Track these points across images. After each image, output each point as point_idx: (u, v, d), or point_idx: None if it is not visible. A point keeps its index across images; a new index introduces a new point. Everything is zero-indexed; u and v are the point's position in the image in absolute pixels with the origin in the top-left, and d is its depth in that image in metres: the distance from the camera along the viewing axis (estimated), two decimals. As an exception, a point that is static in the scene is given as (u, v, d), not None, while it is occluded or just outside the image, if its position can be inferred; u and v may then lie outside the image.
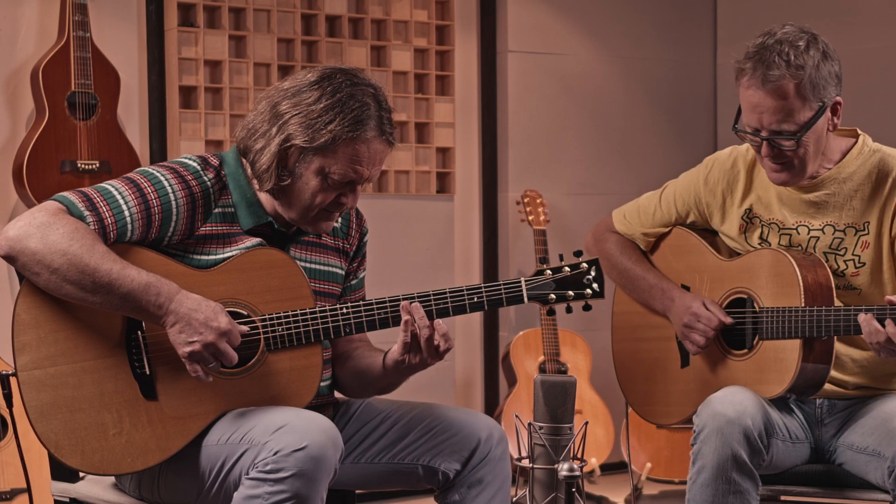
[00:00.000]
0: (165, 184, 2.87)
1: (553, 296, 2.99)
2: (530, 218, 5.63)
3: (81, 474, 3.04)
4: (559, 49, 6.05)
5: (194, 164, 2.94)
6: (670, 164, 5.96)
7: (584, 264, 3.01)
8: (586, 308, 3.04)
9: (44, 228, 2.71)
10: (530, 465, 2.74)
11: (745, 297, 3.36)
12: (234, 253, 2.91)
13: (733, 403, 3.12)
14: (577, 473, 2.60)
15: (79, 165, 4.74)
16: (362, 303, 2.94)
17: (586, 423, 2.79)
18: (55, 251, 2.70)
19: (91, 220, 2.78)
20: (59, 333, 2.79)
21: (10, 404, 2.90)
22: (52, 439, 2.76)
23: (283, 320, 2.89)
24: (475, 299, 2.95)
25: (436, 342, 2.90)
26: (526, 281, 2.98)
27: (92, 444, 2.78)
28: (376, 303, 2.94)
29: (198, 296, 2.79)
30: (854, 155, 3.32)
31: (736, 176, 3.44)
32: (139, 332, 2.83)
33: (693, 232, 3.53)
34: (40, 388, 2.76)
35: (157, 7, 5.11)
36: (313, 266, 3.05)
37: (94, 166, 4.77)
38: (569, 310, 3.04)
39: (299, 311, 2.90)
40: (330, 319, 2.92)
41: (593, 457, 5.57)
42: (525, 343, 5.59)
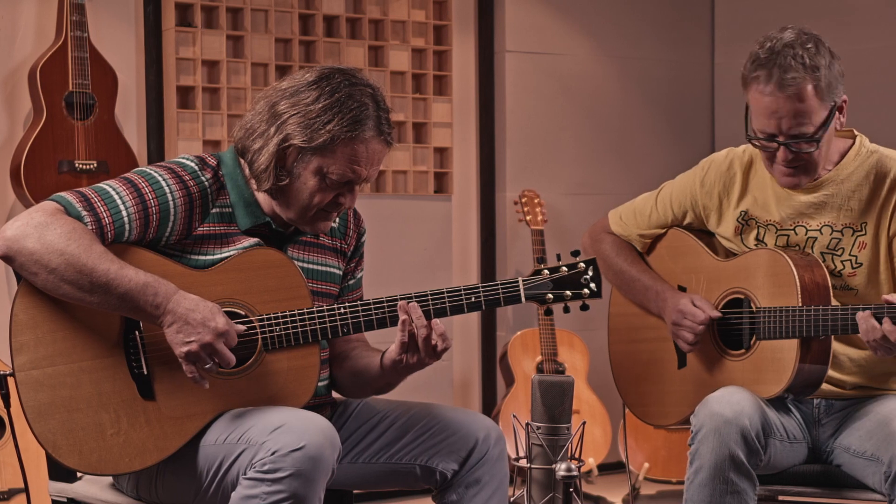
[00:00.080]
0: (163, 184, 2.87)
1: (550, 296, 2.99)
2: (528, 218, 5.63)
3: (79, 474, 3.04)
4: (557, 49, 6.05)
5: (192, 165, 2.93)
6: (668, 165, 5.96)
7: (582, 264, 3.01)
8: (584, 308, 3.04)
9: (41, 228, 2.71)
10: (528, 465, 2.73)
11: (742, 297, 3.36)
12: (231, 253, 2.91)
13: (731, 403, 3.12)
14: (575, 473, 2.59)
15: (76, 165, 4.74)
16: (360, 303, 2.94)
17: (584, 423, 2.79)
18: (53, 251, 2.70)
19: (89, 220, 2.78)
20: (57, 333, 2.79)
21: (7, 404, 2.90)
22: (49, 439, 2.76)
23: (280, 320, 2.89)
24: (473, 299, 2.95)
25: (433, 342, 2.90)
26: (523, 281, 2.98)
27: (90, 444, 2.78)
28: (374, 303, 2.94)
29: (195, 296, 2.79)
30: (852, 156, 3.33)
31: (732, 178, 3.44)
32: (137, 332, 2.83)
33: (689, 233, 3.53)
34: (38, 388, 2.76)
35: (154, 7, 5.11)
36: (311, 266, 3.05)
37: (91, 166, 4.77)
38: (566, 310, 3.04)
39: (297, 311, 2.90)
40: (328, 319, 2.92)
41: (591, 457, 5.56)
42: (523, 343, 5.58)
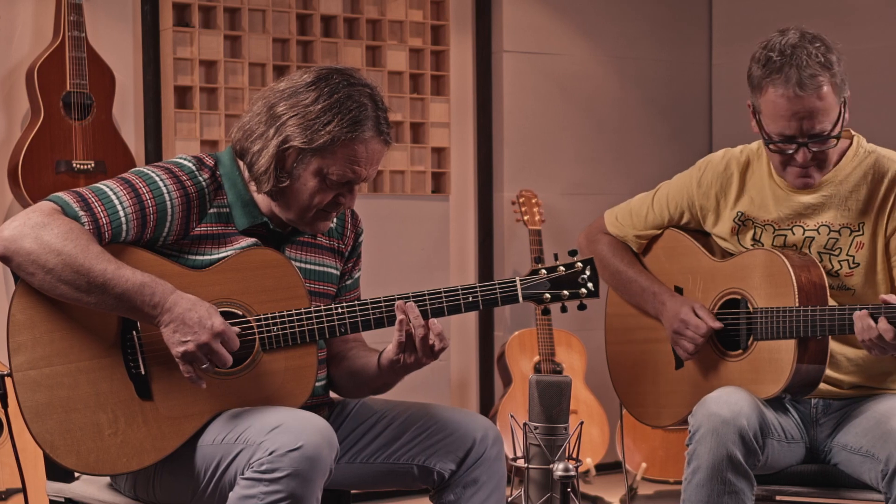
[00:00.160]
0: (160, 184, 2.87)
1: (548, 295, 2.99)
2: (525, 218, 5.63)
3: (77, 474, 3.05)
4: (554, 49, 6.05)
5: (189, 165, 2.93)
6: (665, 164, 5.96)
7: (579, 264, 3.01)
8: (581, 307, 3.04)
9: (38, 229, 2.71)
10: (525, 465, 2.73)
11: (739, 297, 3.36)
12: (229, 253, 2.91)
13: (728, 404, 3.11)
14: (573, 473, 2.59)
15: (74, 165, 4.74)
16: (357, 303, 2.94)
17: (581, 423, 2.78)
18: (50, 251, 2.70)
19: (86, 220, 2.78)
20: (55, 334, 2.79)
21: (5, 405, 2.90)
22: (47, 439, 2.76)
23: (278, 320, 2.89)
24: (470, 299, 2.95)
25: (430, 341, 2.89)
26: (521, 280, 2.98)
27: (87, 444, 2.78)
28: (371, 303, 2.93)
29: (192, 296, 2.79)
30: (850, 156, 3.33)
31: (729, 178, 3.44)
32: (134, 332, 2.83)
33: (685, 233, 3.53)
34: (35, 388, 2.76)
35: (152, 7, 5.11)
36: (308, 266, 3.05)
37: (89, 166, 4.76)
38: (564, 309, 3.04)
39: (294, 312, 2.90)
40: (325, 319, 2.92)
41: (588, 457, 5.56)
42: (520, 343, 5.58)
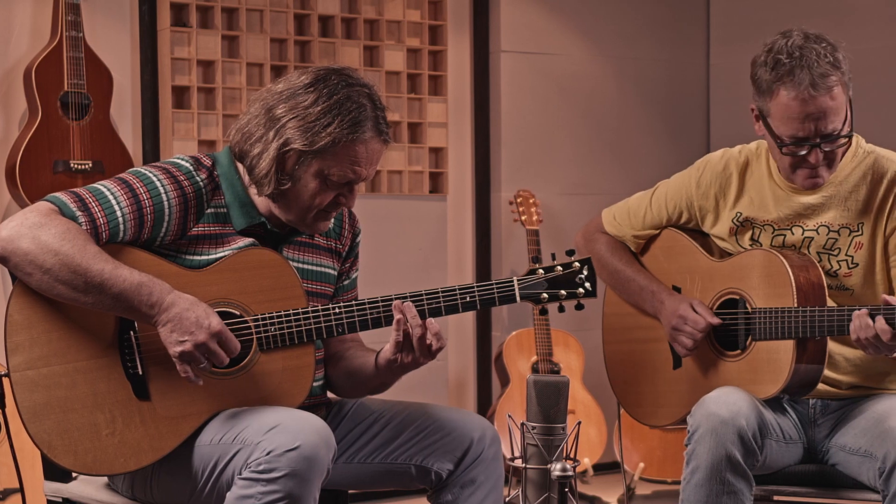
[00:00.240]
0: (158, 184, 2.87)
1: (545, 295, 2.99)
2: (523, 218, 5.63)
3: (74, 474, 3.04)
4: (552, 49, 6.05)
5: (187, 165, 2.93)
6: (663, 164, 5.96)
7: (577, 263, 3.01)
8: (579, 307, 3.04)
9: (36, 229, 2.71)
10: (523, 465, 2.73)
11: (738, 297, 3.36)
12: (226, 253, 2.91)
13: (727, 404, 3.11)
14: (570, 473, 2.59)
15: (72, 165, 4.73)
16: (355, 303, 2.94)
17: (579, 423, 2.78)
18: (47, 251, 2.70)
19: (83, 220, 2.77)
20: (52, 334, 2.79)
21: (3, 405, 2.90)
22: (44, 439, 2.76)
23: (275, 320, 2.89)
24: (467, 299, 2.95)
25: (428, 341, 2.89)
26: (518, 280, 2.98)
27: (85, 444, 2.77)
28: (369, 303, 2.93)
29: (190, 296, 2.79)
30: (849, 157, 3.32)
31: (728, 178, 3.44)
32: (132, 332, 2.83)
33: (683, 233, 3.53)
34: (33, 388, 2.76)
35: (149, 7, 5.11)
36: (305, 266, 3.05)
37: (86, 166, 4.76)
38: (561, 309, 3.04)
39: (292, 311, 2.90)
40: (322, 319, 2.91)
41: (586, 457, 5.57)
42: (518, 343, 5.58)
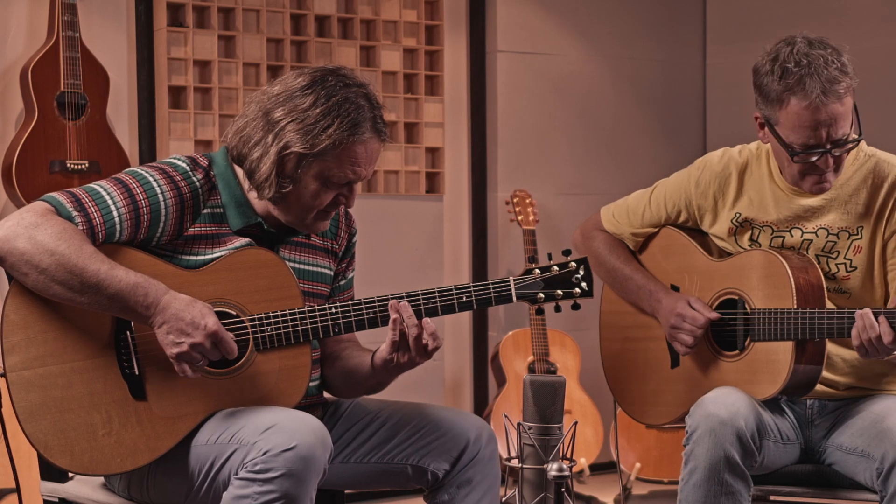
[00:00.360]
0: (154, 184, 2.87)
1: (542, 295, 2.99)
2: (519, 218, 5.63)
3: (71, 474, 3.04)
4: (548, 49, 6.05)
5: (183, 165, 2.93)
6: (660, 164, 5.97)
7: (573, 263, 3.01)
8: (575, 307, 3.04)
9: (32, 229, 2.71)
10: (519, 465, 2.73)
11: (736, 298, 3.36)
12: (222, 253, 2.91)
13: (726, 405, 3.11)
14: (567, 473, 2.59)
15: (68, 165, 4.73)
16: (351, 302, 2.94)
17: (575, 423, 2.78)
18: (43, 251, 2.70)
19: (79, 220, 2.77)
20: (48, 334, 2.79)
21: (-1, 405, 2.90)
22: (41, 440, 2.76)
23: (271, 320, 2.89)
24: (464, 298, 2.95)
25: (424, 341, 2.89)
26: (515, 280, 2.98)
27: (81, 444, 2.77)
28: (365, 302, 2.93)
29: (186, 296, 2.79)
30: (850, 160, 3.32)
31: (727, 179, 3.43)
32: (128, 332, 2.83)
33: (682, 232, 3.53)
34: (29, 388, 2.76)
35: (146, 7, 5.11)
36: (302, 266, 3.05)
37: (83, 166, 4.76)
38: (558, 309, 3.04)
39: (288, 311, 2.90)
40: (319, 319, 2.91)
41: (582, 457, 5.57)
42: (514, 343, 5.58)
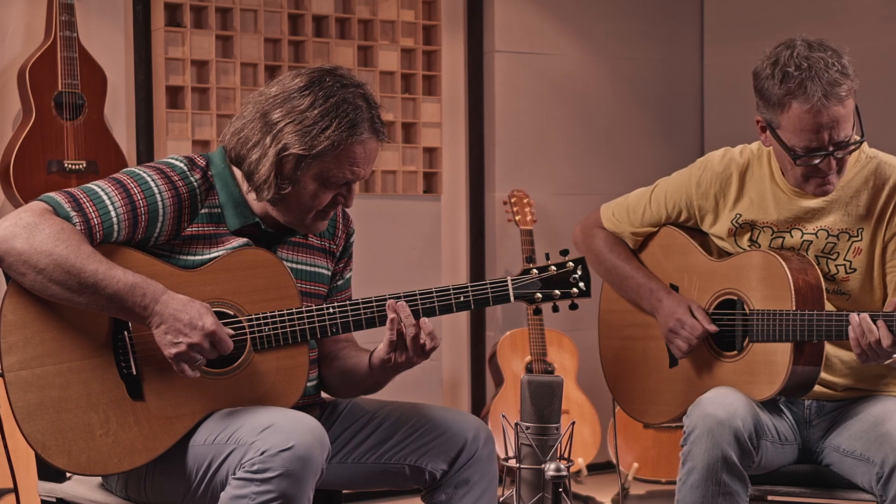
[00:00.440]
0: (152, 184, 2.87)
1: (539, 295, 2.99)
2: (517, 218, 5.63)
3: (68, 474, 3.04)
4: (546, 49, 6.05)
5: (181, 165, 2.93)
6: (657, 164, 5.97)
7: (571, 263, 3.01)
8: (573, 307, 3.04)
9: (30, 229, 2.71)
10: (517, 465, 2.74)
11: (735, 298, 3.35)
12: (220, 253, 2.91)
13: (724, 405, 3.11)
14: (564, 473, 2.60)
15: (66, 165, 4.73)
16: (349, 302, 2.94)
17: (573, 423, 2.79)
18: (41, 252, 2.69)
19: (77, 220, 2.77)
20: (46, 334, 2.78)
21: (-4, 405, 2.90)
22: (38, 440, 2.75)
23: (269, 320, 2.89)
24: (461, 298, 2.95)
25: (422, 341, 2.89)
26: (512, 280, 2.98)
27: (79, 444, 2.77)
28: (362, 302, 2.93)
29: (184, 296, 2.79)
30: (852, 161, 3.31)
31: (728, 179, 3.42)
32: (126, 332, 2.83)
33: (682, 231, 3.52)
34: (27, 388, 2.75)
35: (143, 7, 5.11)
36: (299, 266, 3.05)
37: (80, 166, 4.76)
38: (555, 309, 3.04)
39: (286, 311, 2.90)
40: (316, 319, 2.91)
41: (580, 457, 5.57)
42: (512, 343, 5.59)
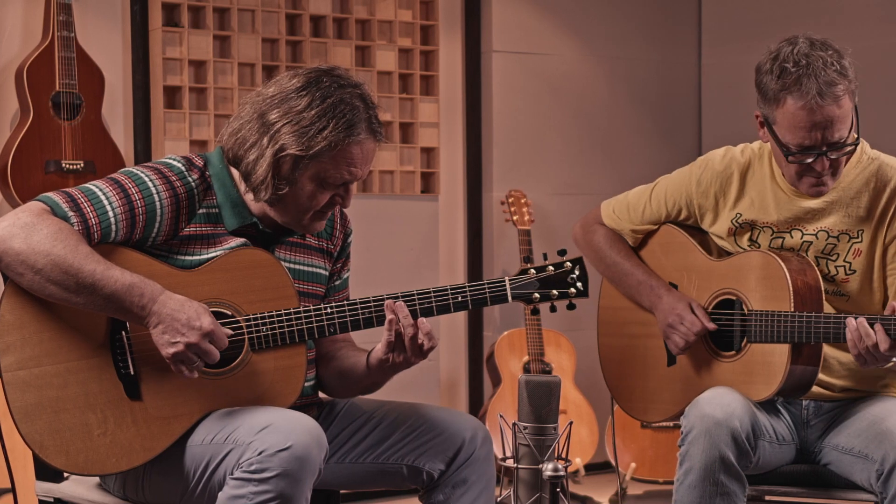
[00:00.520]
0: (150, 184, 2.87)
1: (537, 295, 2.99)
2: (515, 218, 5.63)
3: (66, 474, 3.04)
4: (544, 49, 6.05)
5: (178, 165, 2.93)
6: (655, 164, 5.97)
7: (568, 263, 3.01)
8: (570, 307, 3.04)
9: (28, 229, 2.71)
10: (515, 465, 2.73)
11: (734, 298, 3.35)
12: (218, 253, 2.91)
13: (721, 405, 3.11)
14: (562, 473, 2.59)
15: (63, 165, 4.73)
16: (346, 303, 2.94)
17: (571, 423, 2.79)
18: (39, 252, 2.69)
19: (75, 220, 2.77)
20: (44, 334, 2.78)
21: (-6, 405, 2.90)
22: (36, 440, 2.75)
23: (267, 320, 2.89)
24: (459, 299, 2.95)
25: (419, 341, 2.89)
26: (510, 280, 2.98)
27: (76, 444, 2.77)
28: (360, 303, 2.93)
29: (181, 296, 2.79)
30: (853, 162, 3.31)
31: (728, 178, 3.42)
32: (123, 332, 2.83)
33: (682, 230, 3.52)
34: (25, 388, 2.75)
35: (141, 7, 5.11)
36: (297, 267, 3.05)
37: (78, 166, 4.76)
38: (553, 309, 3.04)
39: (283, 311, 2.90)
40: (314, 319, 2.92)
41: (578, 457, 5.57)
42: (509, 343, 5.59)
